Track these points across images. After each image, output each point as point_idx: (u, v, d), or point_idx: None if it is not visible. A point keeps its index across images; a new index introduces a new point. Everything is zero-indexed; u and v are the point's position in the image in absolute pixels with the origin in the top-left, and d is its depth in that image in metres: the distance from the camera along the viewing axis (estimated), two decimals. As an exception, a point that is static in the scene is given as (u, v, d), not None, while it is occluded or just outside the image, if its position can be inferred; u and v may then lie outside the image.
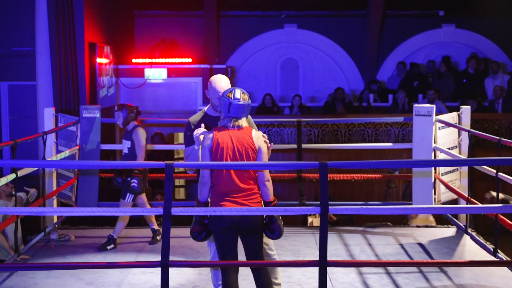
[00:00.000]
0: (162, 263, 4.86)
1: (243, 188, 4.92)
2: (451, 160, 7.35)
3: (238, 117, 4.92)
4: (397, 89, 14.13)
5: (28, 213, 6.30)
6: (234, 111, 4.89)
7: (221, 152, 4.90)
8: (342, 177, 8.83)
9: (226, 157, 4.89)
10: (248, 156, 4.90)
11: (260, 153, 4.94)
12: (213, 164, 4.92)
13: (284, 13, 16.29)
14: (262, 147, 4.95)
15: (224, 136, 4.90)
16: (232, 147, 4.89)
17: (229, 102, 4.89)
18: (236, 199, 4.91)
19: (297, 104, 13.95)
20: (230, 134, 4.91)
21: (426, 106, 7.96)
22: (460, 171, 7.97)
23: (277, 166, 5.64)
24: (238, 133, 4.92)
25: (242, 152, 4.90)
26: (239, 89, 4.95)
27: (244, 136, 4.93)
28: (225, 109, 4.91)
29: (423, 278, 6.15)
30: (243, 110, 4.91)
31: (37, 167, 7.38)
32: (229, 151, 4.89)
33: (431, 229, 7.96)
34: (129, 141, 7.21)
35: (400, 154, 11.14)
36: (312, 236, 7.62)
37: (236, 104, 4.88)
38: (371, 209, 5.51)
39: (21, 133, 10.60)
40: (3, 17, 11.28)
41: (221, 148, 4.89)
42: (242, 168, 4.91)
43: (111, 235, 7.22)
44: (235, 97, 4.90)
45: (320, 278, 4.90)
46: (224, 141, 4.90)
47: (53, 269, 6.26)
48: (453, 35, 16.11)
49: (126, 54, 14.54)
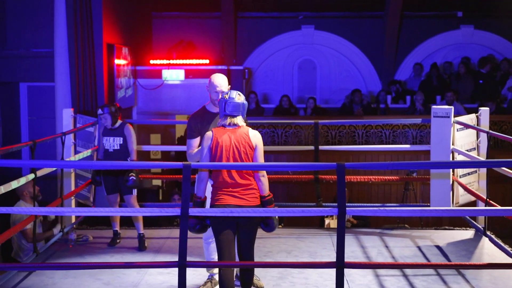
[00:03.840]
0: (180, 263, 4.88)
1: (242, 184, 5.20)
2: (469, 162, 7.31)
3: (233, 115, 5.24)
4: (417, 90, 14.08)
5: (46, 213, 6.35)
6: (229, 109, 5.21)
7: (220, 150, 5.19)
8: (360, 178, 8.80)
9: (225, 154, 5.19)
10: (246, 154, 5.22)
11: (257, 150, 5.26)
12: (228, 165, 5.13)
13: (301, 15, 16.28)
14: (258, 144, 5.27)
15: (223, 135, 5.22)
16: (230, 146, 5.19)
17: (225, 101, 5.24)
18: (235, 193, 5.18)
19: (311, 107, 13.92)
20: (229, 133, 5.23)
21: (444, 108, 7.91)
22: (479, 173, 7.91)
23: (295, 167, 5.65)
24: (236, 132, 5.23)
25: (240, 150, 5.20)
26: (235, 91, 5.31)
27: (242, 134, 5.24)
28: (222, 108, 5.26)
29: (440, 281, 6.12)
30: (238, 108, 5.23)
31: (56, 167, 7.43)
32: (228, 149, 5.19)
33: (449, 232, 7.91)
34: (121, 138, 7.26)
35: (418, 156, 11.09)
36: (329, 238, 7.60)
37: (231, 103, 5.22)
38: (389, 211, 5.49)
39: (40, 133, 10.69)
40: (22, 19, 11.37)
41: (220, 146, 5.19)
42: (254, 169, 5.21)
43: (140, 233, 7.23)
44: (230, 97, 5.24)
45: (337, 279, 4.89)
46: (223, 140, 5.20)
47: (71, 269, 6.29)
48: (472, 36, 16.02)
49: (144, 55, 14.60)
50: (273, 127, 12.53)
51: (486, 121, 7.86)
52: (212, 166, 5.23)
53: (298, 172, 8.94)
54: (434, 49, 16.11)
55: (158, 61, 14.25)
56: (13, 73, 11.30)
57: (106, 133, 7.30)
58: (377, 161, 11.69)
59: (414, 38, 16.10)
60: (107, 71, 11.61)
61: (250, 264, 5.32)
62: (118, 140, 7.28)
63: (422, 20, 16.17)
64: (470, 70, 14.96)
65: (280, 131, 12.66)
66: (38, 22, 11.34)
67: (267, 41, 16.23)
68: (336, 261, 4.89)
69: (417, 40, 16.12)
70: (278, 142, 12.65)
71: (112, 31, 11.97)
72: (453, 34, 16.08)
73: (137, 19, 14.56)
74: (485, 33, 15.97)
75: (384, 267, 6.38)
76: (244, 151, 5.20)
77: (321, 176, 8.48)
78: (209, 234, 5.76)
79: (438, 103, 13.60)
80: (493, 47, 15.85)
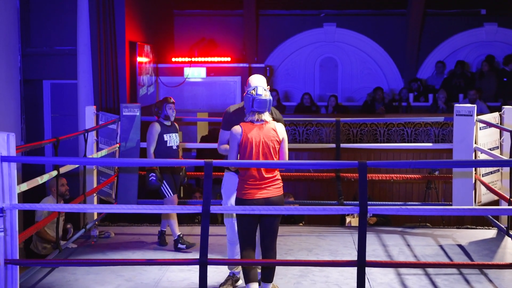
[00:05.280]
0: (201, 260, 4.90)
1: (267, 177, 5.36)
2: (492, 161, 7.25)
3: (260, 111, 5.38)
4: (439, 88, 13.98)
5: (69, 209, 6.40)
6: (257, 105, 5.36)
7: (250, 146, 5.35)
8: (381, 177, 8.77)
9: (255, 150, 5.34)
10: (274, 148, 5.39)
11: (283, 143, 5.46)
12: (249, 163, 5.28)
13: (323, 12, 16.24)
14: (284, 137, 5.47)
15: (252, 131, 5.38)
16: (259, 141, 5.36)
17: (252, 98, 5.37)
18: (260, 185, 5.35)
19: (332, 105, 13.89)
20: (257, 128, 5.39)
21: (467, 106, 7.86)
22: (502, 172, 7.85)
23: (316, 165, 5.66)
24: (264, 128, 5.40)
25: (269, 146, 5.37)
26: (261, 87, 5.44)
27: (270, 129, 5.40)
28: (249, 104, 5.40)
29: (463, 280, 6.08)
30: (265, 105, 5.38)
31: (79, 164, 7.47)
32: (258, 145, 5.35)
33: (471, 231, 7.86)
34: (177, 134, 7.30)
35: (440, 155, 11.02)
36: (350, 236, 7.58)
37: (258, 99, 5.36)
38: (410, 210, 5.46)
39: (62, 131, 10.77)
40: (46, 17, 11.45)
41: (250, 142, 5.35)
42: (278, 167, 5.38)
43: (177, 235, 7.20)
44: (257, 93, 5.38)
45: (358, 278, 4.89)
46: (252, 135, 5.36)
47: (93, 265, 6.34)
48: (496, 34, 15.88)
49: (165, 53, 14.65)
50: (294, 125, 12.51)
51: (510, 120, 7.79)
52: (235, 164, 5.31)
53: (320, 170, 8.93)
54: (457, 47, 16.00)
55: (180, 58, 14.29)
56: (36, 70, 11.38)
57: (165, 131, 7.23)
58: (399, 159, 11.62)
59: (437, 36, 15.99)
60: (129, 69, 11.67)
61: (271, 263, 5.34)
62: (176, 136, 7.30)
63: (445, 18, 16.05)
64: (494, 68, 14.83)
65: (301, 129, 12.64)
66: (61, 20, 11.41)
67: (288, 38, 16.21)
68: (357, 260, 4.88)
69: (440, 38, 16.01)
70: (300, 140, 12.63)
71: (134, 29, 12.03)
72: (477, 32, 15.95)
73: (159, 17, 14.62)
74: (508, 30, 15.82)
75: (406, 266, 6.35)
76: (273, 146, 5.38)
77: (343, 174, 8.46)
78: (234, 237, 5.79)
79: (461, 101, 13.50)
80: (518, 45, 15.71)
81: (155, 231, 7.53)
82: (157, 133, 7.17)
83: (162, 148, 7.18)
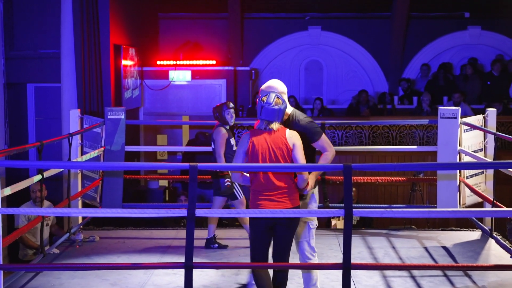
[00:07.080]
0: (186, 264, 4.89)
1: (279, 186, 5.13)
2: (476, 163, 7.29)
3: (269, 120, 5.14)
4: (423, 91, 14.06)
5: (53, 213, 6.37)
6: (264, 115, 5.14)
7: (256, 154, 5.15)
8: (366, 179, 8.79)
9: (262, 159, 5.13)
10: (283, 156, 5.14)
11: (295, 149, 5.16)
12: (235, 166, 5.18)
13: (308, 15, 16.26)
14: (296, 143, 5.17)
15: (259, 139, 5.16)
16: (267, 150, 5.13)
17: (261, 106, 5.15)
18: (272, 197, 5.13)
19: (317, 108, 13.91)
20: (265, 137, 5.16)
21: (451, 109, 7.90)
22: (486, 174, 7.90)
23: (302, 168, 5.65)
24: (273, 135, 5.16)
25: (277, 154, 5.13)
26: (274, 94, 5.19)
27: (279, 137, 5.15)
28: (258, 112, 5.18)
29: (447, 282, 6.11)
30: (274, 114, 5.14)
31: (63, 168, 7.44)
32: (265, 153, 5.14)
33: (456, 233, 7.90)
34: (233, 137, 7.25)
35: (425, 157, 11.06)
36: (335, 239, 7.59)
37: (266, 108, 5.13)
38: (395, 212, 5.48)
39: (46, 134, 10.71)
40: (29, 20, 11.38)
41: (256, 150, 5.15)
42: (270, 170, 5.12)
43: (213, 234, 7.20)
44: (267, 101, 5.14)
45: (344, 281, 4.89)
46: (259, 144, 5.15)
47: (78, 270, 6.31)
48: (479, 37, 15.96)
49: (150, 56, 14.61)
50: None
51: (493, 122, 7.85)
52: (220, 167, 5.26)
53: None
54: (441, 50, 16.06)
55: (165, 62, 14.25)
56: (20, 74, 11.31)
57: (230, 135, 7.15)
58: (384, 162, 11.67)
59: (421, 39, 16.05)
60: (114, 72, 11.62)
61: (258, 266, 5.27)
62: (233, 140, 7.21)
63: (429, 21, 16.12)
64: (477, 70, 14.93)
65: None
66: (45, 23, 11.35)
67: (273, 42, 16.22)
68: (342, 262, 4.89)
69: (424, 41, 16.07)
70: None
71: (119, 32, 11.99)
72: (460, 35, 16.03)
73: (144, 20, 14.57)
74: (492, 33, 15.91)
75: (391, 268, 6.37)
76: (281, 154, 5.14)
77: (328, 177, 8.47)
78: None
79: (445, 104, 13.57)
80: (500, 48, 15.79)
81: (140, 235, 7.51)
82: (225, 137, 7.07)
83: (230, 152, 7.05)
